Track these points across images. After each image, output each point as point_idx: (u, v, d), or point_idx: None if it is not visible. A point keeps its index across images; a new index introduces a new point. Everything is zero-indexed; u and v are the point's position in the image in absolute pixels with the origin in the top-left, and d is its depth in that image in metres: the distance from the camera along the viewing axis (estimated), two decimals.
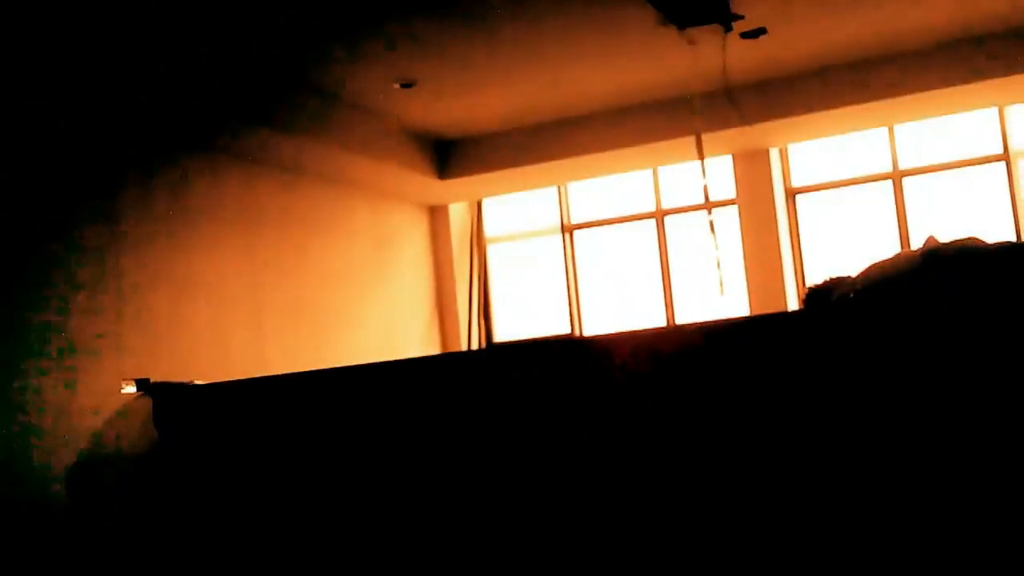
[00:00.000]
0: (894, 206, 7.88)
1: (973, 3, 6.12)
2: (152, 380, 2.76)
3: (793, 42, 6.50)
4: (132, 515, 2.71)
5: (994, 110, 7.58)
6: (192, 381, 2.92)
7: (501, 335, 9.16)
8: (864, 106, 7.12)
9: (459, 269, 8.95)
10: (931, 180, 7.81)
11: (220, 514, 2.68)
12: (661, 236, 8.63)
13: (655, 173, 8.65)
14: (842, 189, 8.09)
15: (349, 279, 7.60)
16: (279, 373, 2.97)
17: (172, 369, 5.44)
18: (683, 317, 8.48)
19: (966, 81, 6.81)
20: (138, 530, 2.70)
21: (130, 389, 2.72)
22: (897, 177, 7.89)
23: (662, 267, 8.61)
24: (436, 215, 8.93)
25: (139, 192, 5.81)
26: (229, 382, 2.91)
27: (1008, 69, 6.69)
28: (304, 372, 2.81)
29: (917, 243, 3.82)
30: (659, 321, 8.54)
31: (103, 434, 2.88)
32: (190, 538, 2.68)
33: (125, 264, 5.61)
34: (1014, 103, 7.47)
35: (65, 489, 3.29)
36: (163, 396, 2.75)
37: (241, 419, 2.76)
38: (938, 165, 7.79)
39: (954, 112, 7.53)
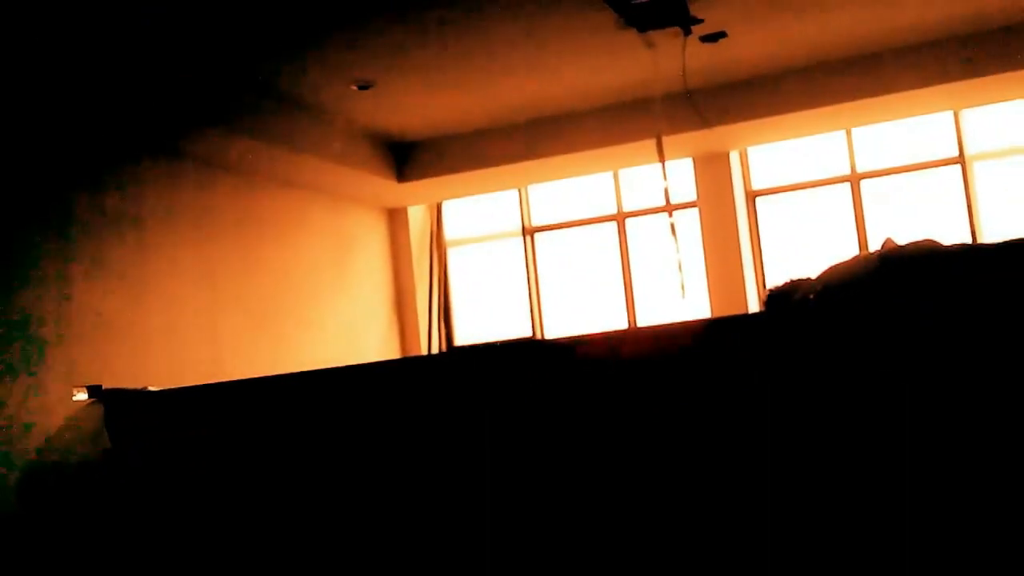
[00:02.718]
0: (852, 208, 8.01)
1: (930, 8, 6.24)
2: (104, 387, 2.72)
3: (752, 46, 6.58)
4: (84, 524, 2.67)
5: (949, 114, 7.74)
6: (145, 387, 2.89)
7: (462, 338, 9.15)
8: (822, 110, 7.23)
9: (419, 272, 8.93)
10: (888, 183, 7.95)
11: (174, 523, 2.65)
12: (622, 238, 8.68)
13: (616, 176, 8.70)
14: (801, 191, 8.21)
15: (307, 283, 7.55)
16: (235, 379, 2.94)
17: (125, 375, 5.36)
18: (644, 319, 8.54)
19: (922, 85, 6.94)
20: (90, 539, 2.66)
21: (81, 396, 2.68)
22: (855, 180, 8.02)
23: (623, 269, 8.66)
24: (395, 218, 8.91)
25: (90, 196, 5.72)
26: (184, 388, 2.87)
27: (963, 73, 6.83)
28: (261, 377, 2.79)
29: (875, 245, 3.89)
30: (620, 323, 8.58)
31: (54, 442, 2.83)
32: (143, 547, 2.64)
33: (76, 269, 5.52)
34: (969, 107, 7.63)
35: (15, 497, 3.23)
36: (115, 403, 2.71)
37: (197, 426, 2.73)
38: (895, 168, 7.93)
39: (911, 116, 7.68)
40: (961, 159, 7.73)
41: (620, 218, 8.71)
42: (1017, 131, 7.68)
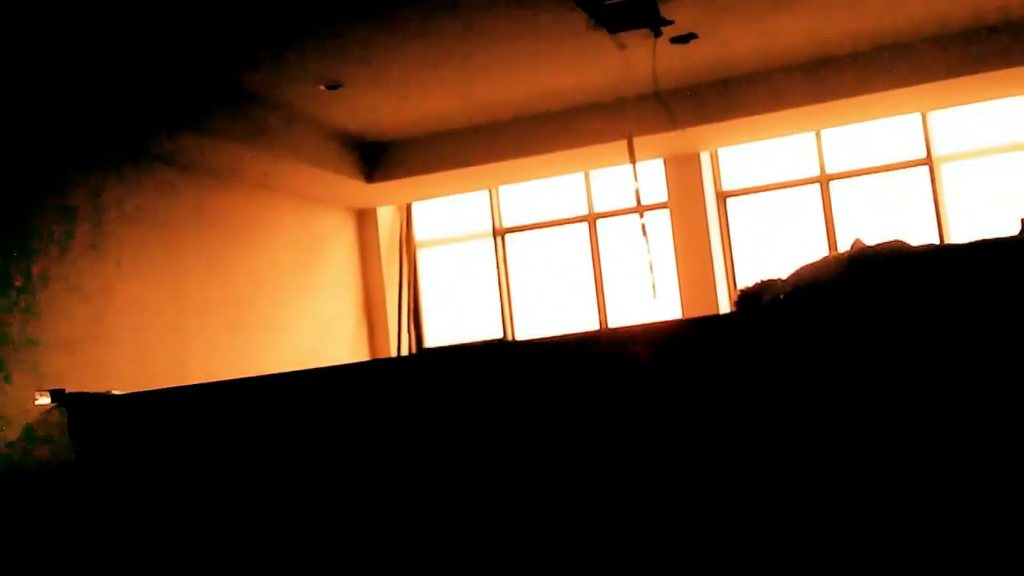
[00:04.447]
0: (822, 209, 8.09)
1: (898, 10, 6.32)
2: (68, 391, 2.69)
3: (723, 48, 6.63)
4: (47, 529, 2.64)
5: (918, 116, 7.84)
6: (109, 391, 2.86)
7: (432, 340, 9.13)
8: (792, 111, 7.30)
9: (388, 274, 8.91)
10: (857, 184, 8.05)
11: (139, 527, 2.63)
12: (593, 239, 8.71)
13: (587, 177, 8.73)
14: (771, 192, 8.28)
15: (275, 285, 7.50)
16: (202, 382, 2.92)
17: (90, 380, 5.30)
18: (616, 320, 8.57)
19: (891, 87, 7.03)
20: (53, 544, 2.63)
21: (45, 400, 2.65)
22: (824, 181, 8.11)
23: (594, 270, 8.69)
24: (364, 219, 8.88)
25: (54, 198, 5.65)
26: (149, 392, 2.85)
27: (931, 76, 6.93)
28: (228, 380, 2.77)
29: (844, 245, 3.94)
30: (592, 324, 8.61)
31: (16, 447, 2.80)
32: (108, 551, 2.61)
33: (39, 272, 5.45)
34: (937, 109, 7.74)
35: None
36: (78, 407, 2.68)
37: (162, 430, 2.71)
38: (864, 169, 8.02)
39: (879, 117, 7.78)
40: (929, 160, 7.84)
41: (591, 219, 8.74)
42: (983, 132, 7.80)
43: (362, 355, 8.60)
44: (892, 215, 7.88)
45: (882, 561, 2.17)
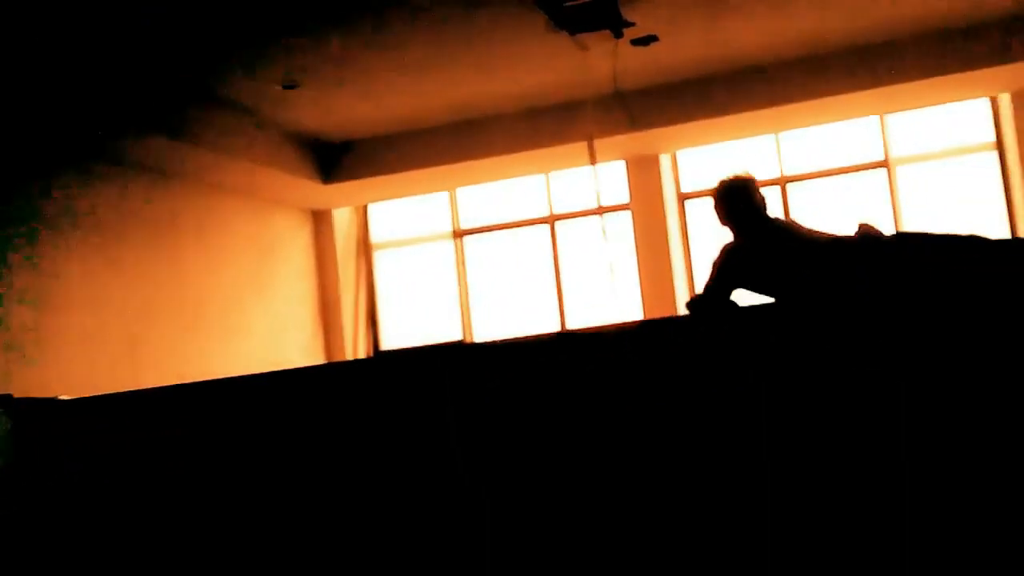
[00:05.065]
0: (781, 210, 8.19)
1: (856, 14, 6.42)
2: (14, 396, 2.64)
3: (683, 50, 6.69)
4: None
5: (876, 118, 7.98)
6: (57, 396, 2.82)
7: (389, 343, 9.10)
8: (751, 113, 7.38)
9: (345, 276, 8.86)
10: (816, 185, 8.17)
11: (83, 531, 2.59)
12: (553, 241, 8.74)
13: (547, 178, 8.76)
14: None
15: (229, 288, 7.43)
16: (154, 387, 2.89)
17: (38, 385, 5.21)
18: (576, 322, 8.61)
19: (849, 90, 7.14)
20: None
21: None
22: (783, 183, 8.22)
23: (555, 272, 8.72)
24: (320, 220, 8.82)
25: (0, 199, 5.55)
26: (98, 397, 2.81)
27: (889, 79, 7.05)
28: (180, 384, 2.74)
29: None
30: (552, 326, 8.63)
31: None
32: (51, 554, 2.57)
33: None
34: (893, 112, 7.88)
35: None
36: (24, 412, 2.64)
37: (112, 436, 2.67)
38: (822, 171, 8.14)
39: (837, 120, 7.90)
40: (886, 163, 7.98)
41: (551, 220, 8.77)
42: (940, 135, 7.96)
43: (318, 358, 8.54)
44: (850, 216, 8.00)
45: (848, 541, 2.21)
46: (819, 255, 3.70)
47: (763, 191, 4.20)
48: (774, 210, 4.28)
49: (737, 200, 4.13)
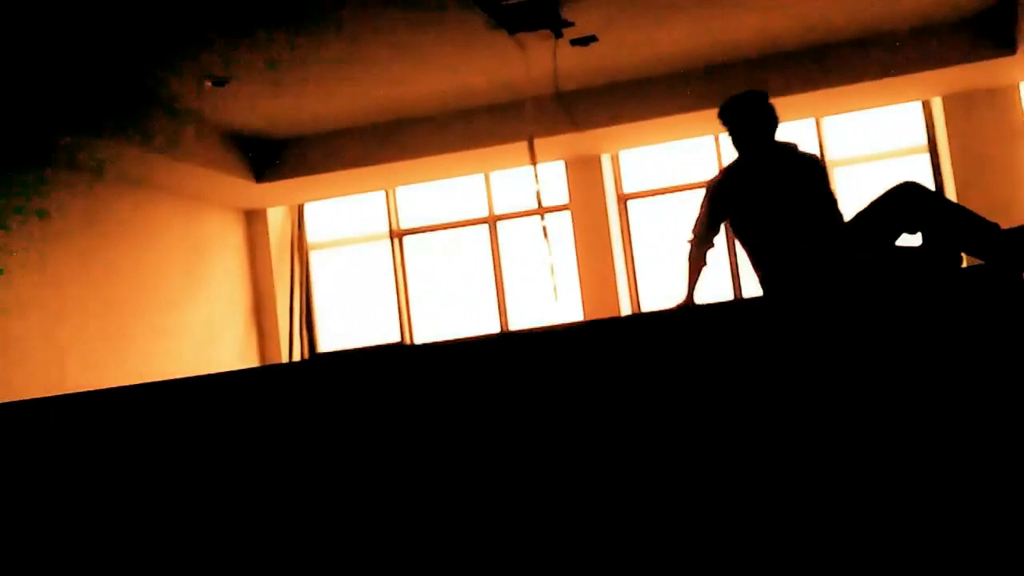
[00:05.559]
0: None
1: (794, 18, 6.52)
2: None
3: (623, 50, 6.73)
4: None
5: (812, 121, 8.13)
6: None
7: (326, 345, 9.01)
8: (691, 114, 7.46)
9: (280, 277, 8.75)
10: None
11: (13, 545, 2.51)
12: (494, 241, 8.73)
13: (487, 178, 8.75)
14: (672, 195, 8.46)
15: (159, 289, 7.27)
16: (79, 391, 2.81)
17: None
18: (517, 322, 8.61)
19: (786, 93, 7.25)
20: None
21: None
22: None
23: (495, 273, 8.72)
24: (254, 220, 8.70)
25: None
26: (16, 403, 2.72)
27: (825, 83, 7.19)
28: (106, 389, 2.67)
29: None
30: (492, 327, 8.63)
31: None
32: None
33: None
34: (830, 114, 8.03)
35: None
36: None
37: (30, 443, 2.59)
38: None
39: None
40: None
41: (491, 220, 8.76)
42: (876, 137, 8.15)
43: (252, 361, 8.42)
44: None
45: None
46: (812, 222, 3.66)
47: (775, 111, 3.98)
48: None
49: (735, 116, 3.95)
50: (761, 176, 3.84)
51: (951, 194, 7.75)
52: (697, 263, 4.08)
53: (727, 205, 3.92)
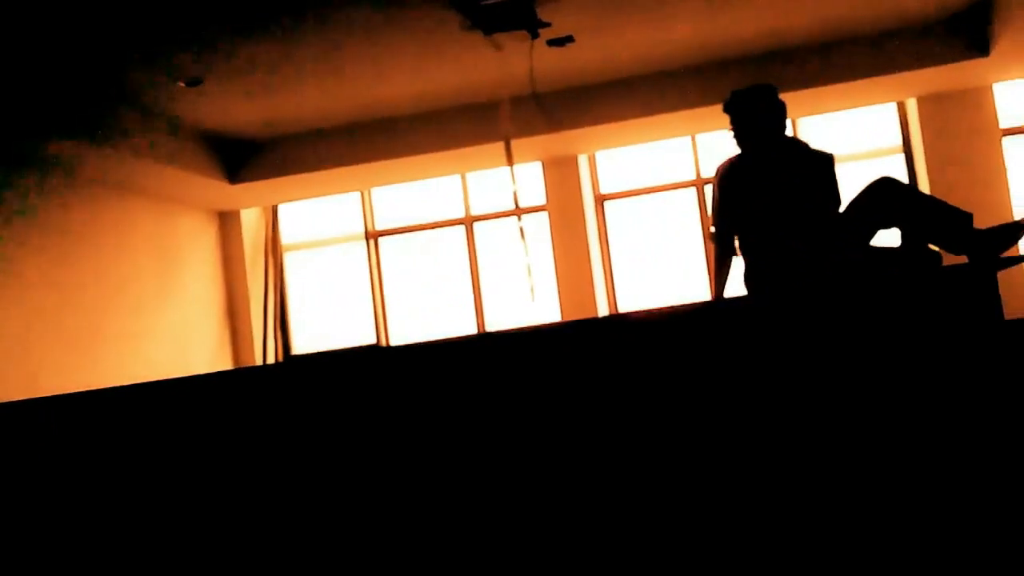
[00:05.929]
0: (698, 211, 8.35)
1: (768, 20, 6.56)
2: None
3: (600, 51, 6.75)
4: None
5: (788, 121, 8.19)
6: None
7: (300, 347, 8.97)
8: (669, 115, 7.49)
9: (253, 278, 8.70)
10: None
11: None
12: (471, 242, 8.73)
13: (463, 179, 8.75)
14: (649, 195, 8.50)
15: (131, 291, 7.21)
16: (49, 395, 2.78)
17: None
18: (494, 324, 8.61)
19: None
20: None
21: None
22: (699, 185, 8.37)
23: (472, 274, 8.71)
24: (227, 222, 8.64)
25: None
26: None
27: (799, 84, 7.24)
28: (79, 392, 2.65)
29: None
30: (469, 328, 8.62)
31: None
32: None
33: None
34: (806, 115, 8.10)
35: None
36: None
37: (7, 446, 2.56)
38: None
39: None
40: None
41: (468, 221, 8.76)
42: (850, 139, 8.23)
43: (225, 363, 8.36)
44: None
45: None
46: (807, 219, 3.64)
47: (784, 106, 3.94)
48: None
49: (737, 110, 3.92)
50: (757, 173, 3.84)
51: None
52: (723, 260, 3.96)
53: (735, 194, 3.86)
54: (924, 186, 7.89)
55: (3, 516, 2.53)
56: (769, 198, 3.75)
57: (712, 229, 4.04)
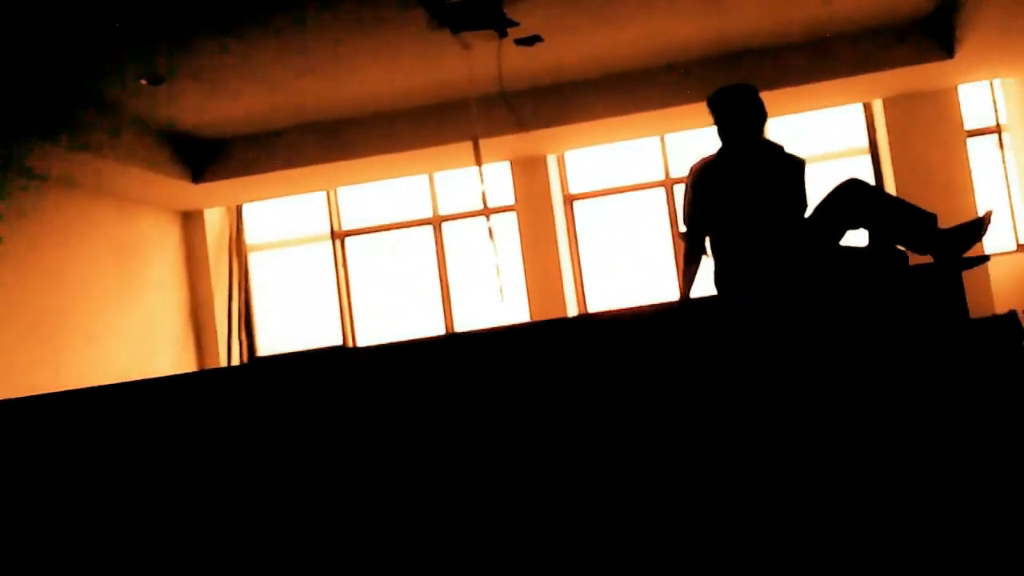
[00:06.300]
0: (667, 211, 8.39)
1: (734, 21, 6.61)
2: None
3: (568, 51, 6.76)
4: None
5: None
6: None
7: (265, 348, 8.90)
8: (637, 115, 7.52)
9: (218, 279, 8.62)
10: None
11: None
12: (439, 242, 8.71)
13: (431, 178, 8.73)
14: (617, 195, 8.53)
15: (92, 292, 7.12)
16: (8, 397, 2.74)
17: None
18: (462, 324, 8.60)
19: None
20: None
21: None
22: (668, 185, 8.41)
23: (440, 274, 8.70)
24: (190, 222, 8.56)
25: None
26: None
27: (766, 85, 7.29)
28: (40, 395, 2.61)
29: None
30: (437, 328, 8.61)
31: None
32: None
33: None
34: (772, 116, 8.16)
35: None
36: None
37: None
38: None
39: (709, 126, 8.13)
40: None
41: (436, 221, 8.74)
42: (817, 139, 8.31)
43: (189, 365, 8.28)
44: None
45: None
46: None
47: (763, 105, 3.95)
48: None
49: (719, 107, 3.93)
50: (735, 172, 3.86)
51: (891, 192, 7.92)
52: (692, 259, 3.96)
53: (709, 194, 3.87)
54: (890, 187, 7.99)
55: None
56: (743, 198, 3.78)
57: (682, 228, 4.05)
